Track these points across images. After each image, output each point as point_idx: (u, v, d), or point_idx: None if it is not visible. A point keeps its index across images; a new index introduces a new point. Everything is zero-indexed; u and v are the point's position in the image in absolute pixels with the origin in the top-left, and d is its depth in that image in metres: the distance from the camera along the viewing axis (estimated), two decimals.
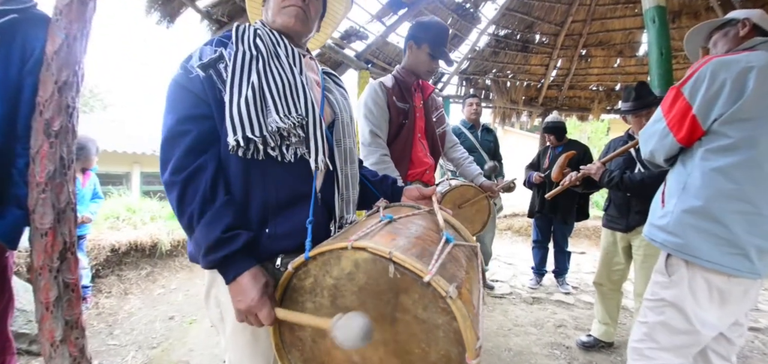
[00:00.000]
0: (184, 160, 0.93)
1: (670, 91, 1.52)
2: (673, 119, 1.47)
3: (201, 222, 0.91)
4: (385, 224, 0.91)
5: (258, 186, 0.99)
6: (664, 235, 1.48)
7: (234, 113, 0.92)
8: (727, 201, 1.36)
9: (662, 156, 1.55)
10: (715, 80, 1.38)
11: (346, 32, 5.06)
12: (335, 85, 1.27)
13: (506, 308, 3.80)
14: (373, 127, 1.97)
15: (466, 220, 2.10)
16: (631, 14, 6.44)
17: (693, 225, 1.41)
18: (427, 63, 2.00)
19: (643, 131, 1.65)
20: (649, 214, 1.65)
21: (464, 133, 4.12)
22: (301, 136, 0.99)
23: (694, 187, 1.42)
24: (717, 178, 1.38)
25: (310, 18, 1.17)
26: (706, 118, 1.40)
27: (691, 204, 1.42)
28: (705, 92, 1.39)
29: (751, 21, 1.56)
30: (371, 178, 1.33)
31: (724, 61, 1.39)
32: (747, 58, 1.37)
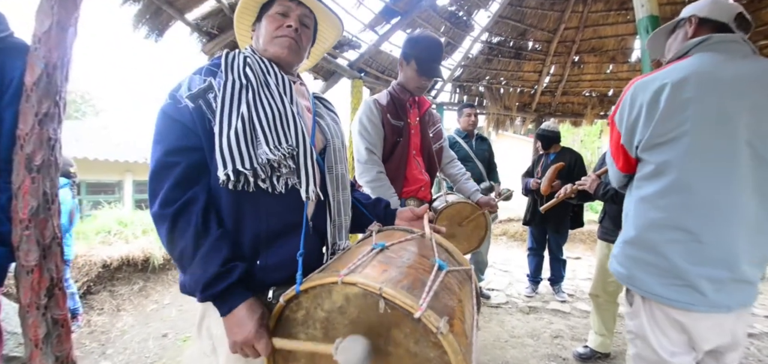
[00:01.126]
0: (173, 193, 0.92)
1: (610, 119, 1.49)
2: (611, 148, 1.47)
3: (197, 256, 0.90)
4: (377, 253, 0.91)
5: (249, 217, 0.98)
6: (615, 265, 1.44)
7: (224, 146, 0.92)
8: (659, 230, 1.28)
9: (615, 185, 1.55)
10: (634, 105, 1.33)
11: (339, 42, 5.07)
12: (326, 110, 1.27)
13: (502, 319, 3.80)
14: (368, 144, 1.97)
15: (462, 237, 2.10)
16: (623, 21, 6.52)
17: (633, 256, 1.35)
18: (416, 80, 2.00)
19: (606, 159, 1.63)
20: None
21: (459, 142, 4.13)
22: (291, 167, 0.99)
23: (630, 217, 1.39)
24: (645, 207, 1.32)
25: (301, 48, 1.17)
26: (631, 146, 1.37)
27: (628, 234, 1.37)
28: (626, 119, 1.35)
29: (697, 16, 1.40)
30: (364, 202, 1.32)
31: (642, 83, 1.33)
32: (665, 74, 1.28)
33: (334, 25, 1.29)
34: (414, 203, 2.05)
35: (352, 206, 1.28)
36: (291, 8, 1.15)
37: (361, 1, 4.88)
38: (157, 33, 3.56)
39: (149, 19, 3.46)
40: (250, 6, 1.20)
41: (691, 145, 1.22)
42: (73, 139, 11.43)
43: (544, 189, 2.75)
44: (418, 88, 2.02)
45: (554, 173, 2.73)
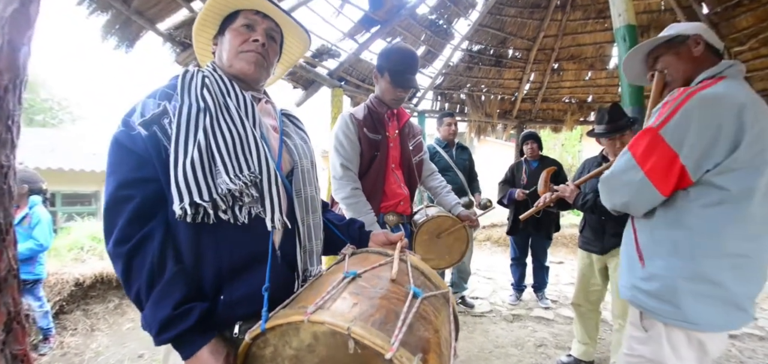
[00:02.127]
0: (127, 229, 0.86)
1: (644, 134, 1.31)
2: (653, 169, 1.27)
3: (150, 299, 0.84)
4: (349, 283, 0.86)
5: (210, 251, 0.92)
6: (654, 302, 1.31)
7: (179, 177, 0.86)
8: (724, 258, 1.22)
9: (642, 210, 1.37)
10: (708, 122, 1.19)
11: (318, 50, 5.03)
12: (295, 129, 1.22)
13: (487, 328, 3.79)
14: (343, 160, 1.93)
15: (444, 251, 2.06)
16: (601, 29, 6.66)
17: (690, 291, 1.24)
18: (391, 91, 1.97)
19: (608, 180, 1.45)
20: (624, 271, 1.48)
21: (439, 152, 4.11)
22: (254, 195, 0.94)
23: (687, 247, 1.25)
24: (713, 237, 1.22)
25: (268, 63, 1.12)
26: (698, 169, 1.22)
27: (687, 268, 1.25)
28: (697, 138, 1.20)
29: (704, 38, 1.39)
30: (337, 223, 1.28)
31: (710, 96, 1.21)
32: (731, 91, 1.22)
33: (302, 38, 1.24)
34: (393, 218, 2.01)
35: (325, 228, 1.23)
36: (257, 21, 1.10)
37: (339, 10, 4.84)
38: (128, 44, 3.45)
39: (118, 29, 3.35)
40: (211, 18, 1.13)
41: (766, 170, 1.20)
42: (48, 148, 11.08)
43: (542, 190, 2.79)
44: (394, 101, 1.99)
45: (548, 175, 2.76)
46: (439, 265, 2.07)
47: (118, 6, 3.20)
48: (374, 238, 1.22)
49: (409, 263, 0.99)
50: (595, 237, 2.66)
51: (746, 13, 5.41)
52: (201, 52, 1.23)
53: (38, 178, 3.49)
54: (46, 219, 3.34)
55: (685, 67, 1.39)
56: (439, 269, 2.12)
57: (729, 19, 5.60)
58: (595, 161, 2.76)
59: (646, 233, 1.38)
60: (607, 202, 1.50)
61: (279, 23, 1.16)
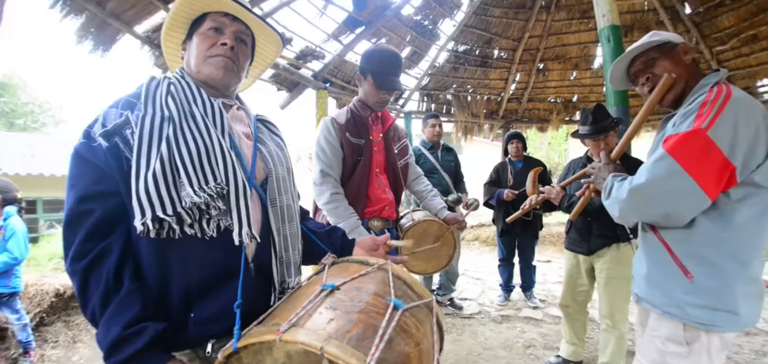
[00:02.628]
0: (84, 245, 0.82)
1: (691, 137, 1.22)
2: (704, 173, 1.19)
3: (103, 318, 0.80)
4: (326, 296, 0.83)
5: (177, 267, 0.87)
6: (712, 314, 1.24)
7: (141, 191, 0.81)
8: (762, 254, 1.25)
9: (687, 219, 1.28)
10: (749, 122, 1.18)
11: (302, 52, 4.97)
12: (270, 135, 1.17)
13: (475, 330, 3.78)
14: (324, 166, 1.89)
15: (430, 256, 2.03)
16: (585, 29, 6.75)
17: (745, 294, 1.23)
18: (374, 94, 1.94)
19: (644, 191, 1.30)
20: (658, 288, 1.39)
21: (424, 154, 4.08)
22: (221, 208, 0.89)
23: (737, 250, 1.24)
24: (758, 237, 1.24)
25: (239, 67, 1.07)
26: (745, 170, 1.20)
27: (741, 273, 1.24)
28: (744, 138, 1.18)
29: (689, 48, 1.43)
30: (318, 232, 1.24)
31: (744, 98, 1.22)
32: (748, 96, 1.25)
33: (274, 40, 1.20)
34: (378, 223, 1.98)
35: (305, 237, 1.19)
36: (226, 24, 1.05)
37: (323, 11, 4.80)
38: (104, 47, 3.35)
39: (94, 32, 3.26)
40: (178, 22, 1.08)
41: None
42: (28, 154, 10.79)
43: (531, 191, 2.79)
44: (378, 103, 1.95)
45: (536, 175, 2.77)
46: (426, 270, 2.05)
47: (92, 8, 3.11)
48: (360, 243, 1.18)
49: (391, 272, 0.96)
50: (581, 238, 2.66)
51: (728, 13, 5.54)
52: (170, 58, 1.18)
53: (12, 188, 3.38)
54: (21, 230, 3.24)
55: (682, 73, 1.39)
56: (426, 274, 2.09)
57: (711, 19, 5.73)
58: (579, 162, 2.76)
59: (686, 244, 1.31)
60: (634, 214, 1.39)
61: (249, 25, 1.11)
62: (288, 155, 1.17)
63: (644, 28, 6.23)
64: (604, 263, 2.53)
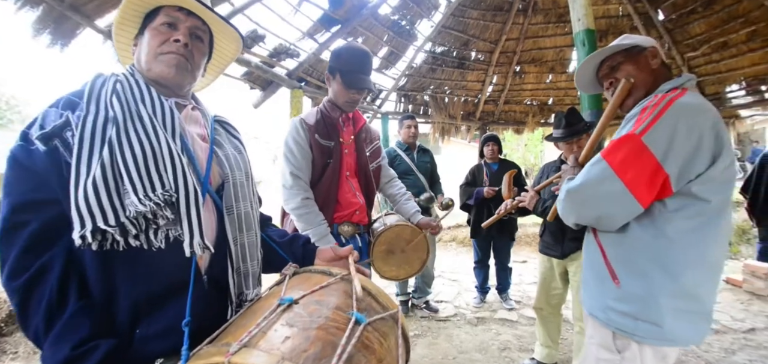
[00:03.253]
0: (22, 260, 0.75)
1: (624, 142, 1.22)
2: (635, 179, 1.19)
3: (48, 339, 0.73)
4: (283, 311, 0.78)
5: (124, 281, 0.81)
6: (633, 323, 1.23)
7: (79, 200, 0.74)
8: (704, 270, 1.20)
9: (618, 224, 1.28)
10: (690, 131, 1.14)
11: (276, 50, 4.86)
12: (229, 137, 1.11)
13: (451, 333, 3.77)
14: (293, 169, 1.83)
15: (403, 261, 2.00)
16: (561, 33, 6.88)
17: (673, 308, 1.19)
18: (344, 94, 1.88)
19: (576, 192, 1.33)
20: (591, 290, 1.39)
21: (400, 155, 4.06)
22: (170, 217, 0.82)
23: (668, 262, 1.20)
24: (694, 250, 1.19)
25: (193, 65, 1.01)
26: (681, 179, 1.17)
27: (670, 285, 1.19)
28: (680, 146, 1.14)
29: (660, 52, 1.39)
30: (278, 240, 1.18)
31: (690, 104, 1.17)
32: (703, 102, 1.21)
33: (233, 37, 1.14)
34: (348, 228, 1.93)
35: (265, 245, 1.13)
36: (179, 19, 0.99)
37: (297, 8, 4.71)
38: (63, 41, 3.18)
39: (52, 25, 3.09)
40: (130, 15, 1.01)
41: (734, 183, 1.23)
42: None
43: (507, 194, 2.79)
44: (347, 103, 1.90)
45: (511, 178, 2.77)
46: (399, 275, 2.01)
47: (50, 0, 2.94)
48: (320, 254, 1.13)
49: (355, 283, 0.91)
50: (554, 241, 2.69)
51: (699, 20, 5.74)
52: (123, 53, 1.10)
53: None
54: None
55: (645, 78, 1.37)
56: (398, 280, 2.05)
57: (683, 25, 5.93)
58: (554, 166, 2.79)
59: (618, 249, 1.31)
60: (572, 216, 1.39)
61: (206, 21, 1.05)
62: (247, 159, 1.11)
63: (618, 33, 6.38)
64: (578, 266, 2.55)
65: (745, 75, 5.98)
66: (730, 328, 3.77)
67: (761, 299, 4.55)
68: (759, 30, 5.36)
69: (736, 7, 5.34)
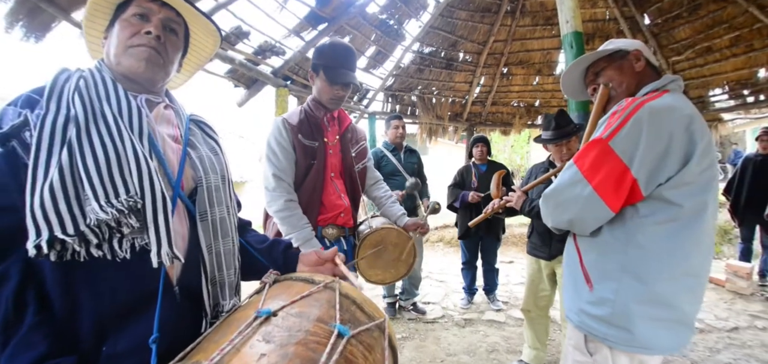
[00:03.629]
0: None
1: (592, 146, 1.23)
2: (603, 183, 1.19)
3: (3, 357, 0.67)
4: (261, 324, 0.72)
5: (86, 294, 0.74)
6: (604, 328, 1.23)
7: (36, 207, 0.68)
8: (680, 279, 1.17)
9: (589, 228, 1.29)
10: (658, 133, 1.13)
11: (260, 47, 4.75)
12: (204, 138, 1.04)
13: (439, 335, 3.75)
14: (276, 170, 1.76)
15: (390, 265, 1.94)
16: (548, 36, 6.92)
17: (645, 315, 1.17)
18: (328, 90, 1.83)
19: (552, 196, 1.37)
20: (569, 293, 1.40)
21: (386, 155, 4.02)
22: (134, 224, 0.76)
23: (640, 268, 1.19)
24: (668, 256, 1.17)
25: (167, 59, 0.95)
26: (650, 183, 1.16)
27: (640, 291, 1.18)
28: (647, 149, 1.14)
29: (644, 55, 1.39)
30: (258, 246, 1.12)
31: (660, 107, 1.16)
32: (679, 103, 1.18)
33: (210, 30, 1.08)
34: (333, 231, 1.87)
35: (244, 252, 1.07)
36: (152, 11, 0.93)
37: (283, 5, 4.62)
38: (37, 35, 3.04)
39: (25, 18, 2.95)
40: (101, 6, 0.94)
41: (715, 186, 1.20)
42: None
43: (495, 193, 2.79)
44: (332, 101, 1.85)
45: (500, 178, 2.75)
46: (385, 279, 1.96)
47: None
48: (303, 259, 1.07)
49: (338, 291, 0.86)
50: (542, 243, 2.67)
51: (684, 25, 5.84)
52: (93, 47, 1.03)
53: None
54: None
55: (628, 82, 1.37)
56: (385, 284, 2.01)
57: (668, 30, 6.03)
58: (542, 167, 2.78)
59: (593, 253, 1.31)
60: (550, 219, 1.42)
61: (181, 13, 0.99)
62: (224, 161, 1.04)
63: (605, 36, 6.46)
64: None
65: (728, 79, 6.10)
66: (714, 327, 3.83)
67: (744, 298, 4.64)
68: (742, 35, 5.47)
69: (720, 12, 5.45)
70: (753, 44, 5.46)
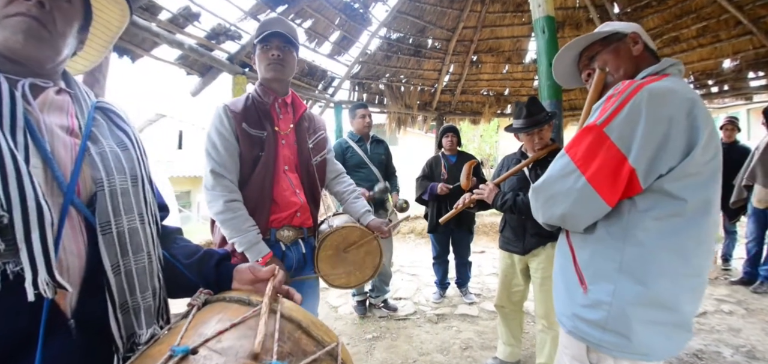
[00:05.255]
0: None
1: (585, 133, 1.14)
2: (598, 174, 1.09)
3: None
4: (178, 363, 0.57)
5: None
6: (600, 334, 1.13)
7: None
8: (682, 279, 1.08)
9: (583, 223, 1.19)
10: (658, 118, 1.03)
11: (214, 31, 4.46)
12: (112, 129, 0.84)
13: (411, 333, 3.65)
14: (215, 165, 1.56)
15: (353, 267, 1.79)
16: (519, 23, 6.95)
17: (642, 318, 1.08)
18: (263, 57, 1.68)
19: (541, 189, 1.27)
20: (560, 296, 1.30)
21: (351, 147, 3.84)
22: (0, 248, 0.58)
23: (639, 268, 1.09)
24: (669, 255, 1.07)
25: (56, 33, 0.76)
26: (649, 174, 1.06)
27: (639, 292, 1.08)
28: (646, 136, 1.04)
29: (642, 38, 1.29)
30: (185, 261, 0.94)
31: (660, 89, 1.06)
32: (680, 87, 1.09)
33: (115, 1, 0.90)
34: (289, 233, 1.70)
35: (170, 268, 0.90)
36: None
37: None
38: None
39: None
40: None
41: (719, 178, 1.10)
42: None
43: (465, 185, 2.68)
44: (271, 69, 1.68)
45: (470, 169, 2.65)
46: (350, 283, 1.81)
47: None
48: (238, 275, 0.90)
49: (279, 315, 0.71)
50: (515, 237, 2.59)
51: (653, 14, 5.98)
52: None
53: None
54: None
55: (625, 66, 1.27)
56: (349, 288, 1.86)
57: (638, 19, 6.16)
58: (514, 158, 2.69)
59: (587, 251, 1.20)
60: (540, 215, 1.30)
61: None
62: (138, 156, 0.84)
63: (575, 25, 6.51)
64: (539, 262, 2.47)
65: (694, 69, 6.30)
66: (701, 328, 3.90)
67: (709, 283, 4.79)
68: (709, 26, 5.65)
69: (689, 2, 5.60)
70: (719, 35, 5.65)
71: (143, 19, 3.64)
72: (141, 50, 3.95)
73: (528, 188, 2.43)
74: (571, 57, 1.44)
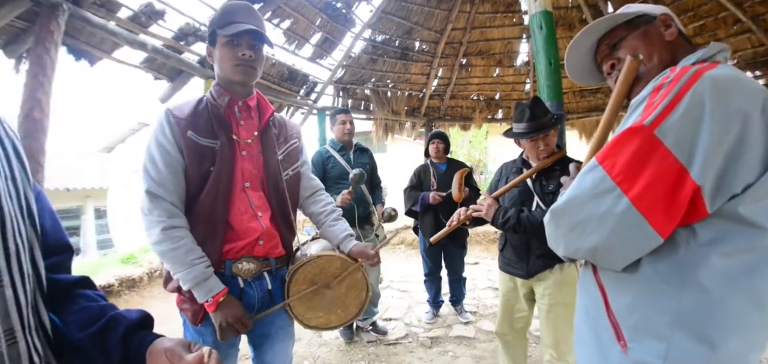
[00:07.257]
0: None
1: (629, 136, 0.86)
2: (647, 192, 0.82)
3: None
4: None
5: None
6: None
7: None
8: (753, 332, 0.82)
9: (623, 260, 0.91)
10: (727, 115, 0.77)
11: (182, 31, 4.13)
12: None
13: (402, 360, 3.37)
14: (151, 184, 1.27)
15: (334, 303, 1.49)
16: (509, 24, 6.78)
17: None
18: (229, 57, 1.37)
19: (564, 213, 0.97)
20: (587, 350, 1.05)
21: (333, 156, 3.53)
22: None
23: (702, 323, 0.83)
24: (744, 305, 0.81)
25: None
26: (719, 193, 0.80)
27: (701, 356, 0.81)
28: (714, 140, 0.77)
29: (675, 21, 1.06)
30: (79, 334, 0.64)
31: (726, 79, 0.80)
32: (743, 75, 0.84)
33: None
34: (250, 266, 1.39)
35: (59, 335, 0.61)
36: None
37: None
38: None
39: None
40: None
41: None
42: None
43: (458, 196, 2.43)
44: (237, 71, 1.38)
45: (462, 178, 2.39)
46: (330, 322, 1.50)
47: None
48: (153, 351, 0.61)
49: None
50: (518, 259, 2.28)
51: None
52: None
53: None
54: None
55: (660, 53, 1.02)
56: (329, 329, 1.55)
57: None
58: (513, 167, 2.38)
59: (626, 296, 0.93)
60: (561, 246, 1.01)
61: None
62: (17, 175, 0.56)
63: (567, 25, 6.35)
64: (546, 287, 2.17)
65: None
66: None
67: None
68: (707, 24, 5.55)
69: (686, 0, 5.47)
70: (717, 33, 5.55)
71: (99, 17, 3.29)
72: (100, 52, 3.62)
73: (532, 201, 2.15)
74: (587, 45, 1.18)
